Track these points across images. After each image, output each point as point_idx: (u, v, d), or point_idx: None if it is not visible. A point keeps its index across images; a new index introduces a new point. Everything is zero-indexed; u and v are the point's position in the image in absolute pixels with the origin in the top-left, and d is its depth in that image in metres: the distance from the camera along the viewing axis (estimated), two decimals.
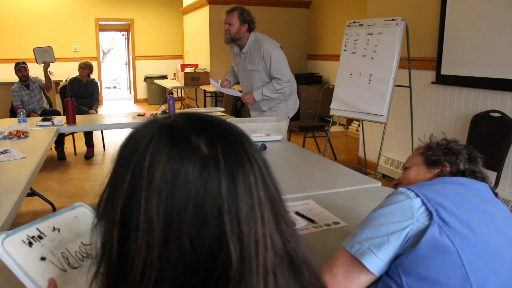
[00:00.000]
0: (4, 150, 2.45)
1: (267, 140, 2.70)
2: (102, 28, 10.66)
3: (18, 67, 5.01)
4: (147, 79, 10.31)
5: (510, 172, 3.17)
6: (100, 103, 9.37)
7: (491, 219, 0.99)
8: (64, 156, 5.19)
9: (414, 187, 1.01)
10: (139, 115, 3.88)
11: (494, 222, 0.99)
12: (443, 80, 3.77)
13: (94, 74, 5.90)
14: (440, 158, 1.14)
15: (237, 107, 6.64)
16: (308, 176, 2.04)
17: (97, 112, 5.39)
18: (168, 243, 0.46)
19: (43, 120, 3.49)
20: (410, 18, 3.85)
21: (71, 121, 3.53)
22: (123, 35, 11.63)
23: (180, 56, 10.58)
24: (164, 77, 10.23)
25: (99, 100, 5.82)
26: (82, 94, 5.32)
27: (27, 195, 1.87)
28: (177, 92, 9.29)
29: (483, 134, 3.21)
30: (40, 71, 5.33)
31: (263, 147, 2.48)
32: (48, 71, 5.09)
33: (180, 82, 8.13)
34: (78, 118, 3.66)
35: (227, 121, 0.54)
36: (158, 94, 10.19)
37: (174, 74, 9.20)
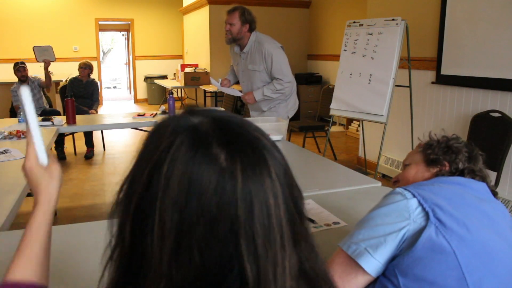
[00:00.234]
0: (4, 150, 2.45)
1: None
2: (102, 28, 10.66)
3: (17, 67, 5.02)
4: (147, 79, 10.31)
5: (510, 172, 3.17)
6: (100, 103, 9.37)
7: (488, 219, 0.98)
8: (64, 156, 5.19)
9: (411, 187, 1.01)
10: (139, 115, 3.87)
11: (492, 222, 0.98)
12: (443, 80, 3.77)
13: (94, 74, 5.90)
14: (439, 157, 1.13)
15: (237, 107, 6.64)
16: (308, 176, 2.04)
17: (97, 112, 5.39)
18: (178, 252, 0.45)
19: (43, 120, 3.49)
20: (410, 18, 3.85)
21: (71, 121, 3.52)
22: (123, 35, 11.63)
23: (180, 56, 10.58)
24: (164, 77, 10.23)
25: (99, 100, 5.82)
26: (82, 94, 5.31)
27: (27, 195, 1.87)
28: (177, 92, 9.28)
29: (483, 134, 3.21)
30: (40, 71, 5.34)
31: None
32: (48, 70, 5.10)
33: (180, 82, 8.13)
34: (78, 118, 3.66)
35: (254, 128, 0.51)
36: (158, 94, 10.19)
37: (174, 74, 9.20)
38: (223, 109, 0.53)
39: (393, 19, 3.66)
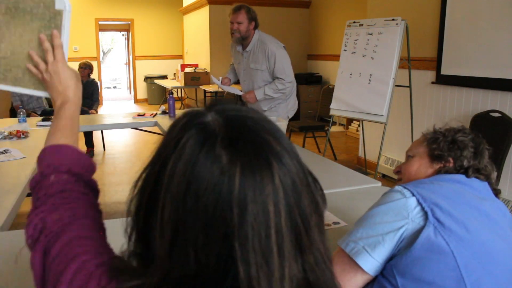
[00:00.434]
0: (4, 150, 2.45)
1: None
2: (102, 28, 10.66)
3: None
4: (147, 79, 10.31)
5: (510, 172, 3.17)
6: (100, 103, 9.37)
7: (488, 218, 0.98)
8: None
9: (411, 185, 1.01)
10: (139, 115, 3.88)
11: (492, 221, 0.98)
12: (443, 80, 3.77)
13: (94, 74, 5.90)
14: (444, 153, 1.10)
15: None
16: None
17: (97, 112, 5.39)
18: (174, 249, 0.45)
19: (43, 120, 3.50)
20: (410, 18, 3.85)
21: None
22: (123, 35, 11.64)
23: (180, 56, 10.58)
24: (164, 77, 10.23)
25: (99, 100, 5.83)
26: (82, 94, 5.29)
27: (27, 195, 1.87)
28: (177, 92, 9.28)
29: (483, 134, 3.18)
30: None
31: None
32: None
33: (180, 82, 8.13)
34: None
35: (268, 131, 0.49)
36: (158, 94, 10.19)
37: (174, 74, 9.20)
38: (252, 108, 0.53)
39: (393, 19, 3.66)
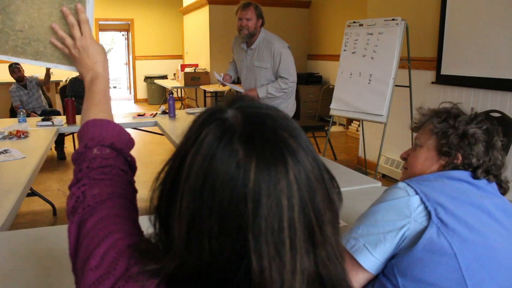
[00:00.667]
0: (4, 150, 2.45)
1: None
2: (102, 28, 10.66)
3: (11, 68, 5.03)
4: (147, 79, 10.31)
5: (510, 172, 3.17)
6: None
7: (492, 218, 0.96)
8: (64, 156, 5.18)
9: (414, 182, 0.99)
10: (139, 115, 3.88)
11: (495, 221, 0.96)
12: (443, 80, 3.77)
13: None
14: (452, 151, 1.04)
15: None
16: None
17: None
18: (190, 239, 0.47)
19: (43, 120, 3.50)
20: (410, 18, 3.85)
21: (71, 121, 3.53)
22: (123, 35, 11.63)
23: (180, 56, 10.58)
24: (164, 77, 10.23)
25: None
26: (82, 94, 5.21)
27: (27, 195, 1.87)
28: (177, 92, 9.28)
29: None
30: (37, 71, 5.33)
31: None
32: (50, 70, 5.12)
33: (180, 82, 8.13)
34: (78, 118, 3.66)
35: (284, 128, 0.50)
36: (158, 94, 10.18)
37: (174, 74, 9.20)
38: (273, 106, 0.54)
39: (393, 19, 3.66)
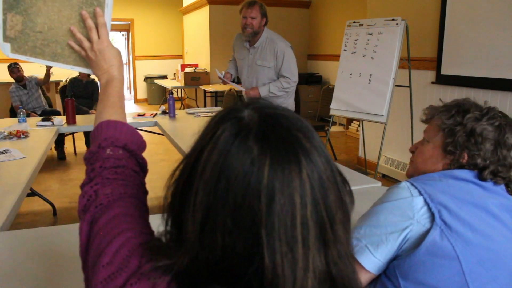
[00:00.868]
0: (4, 150, 2.45)
1: None
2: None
3: (10, 69, 5.03)
4: (147, 79, 10.31)
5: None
6: None
7: (496, 220, 0.94)
8: (64, 156, 5.18)
9: (419, 182, 0.97)
10: (139, 115, 3.88)
11: (500, 223, 0.94)
12: (443, 80, 3.77)
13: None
14: (456, 151, 1.02)
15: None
16: None
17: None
18: (203, 233, 0.48)
19: (43, 120, 3.50)
20: (410, 18, 3.85)
21: (71, 121, 3.53)
22: (123, 35, 11.62)
23: (180, 56, 10.58)
24: (164, 77, 10.23)
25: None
26: (82, 94, 5.31)
27: (27, 195, 1.87)
28: (177, 92, 9.28)
29: None
30: (37, 71, 5.33)
31: None
32: (50, 70, 5.13)
33: (180, 82, 8.13)
34: (78, 118, 3.66)
35: (299, 129, 0.50)
36: (158, 94, 10.18)
37: (174, 74, 9.20)
38: (290, 110, 0.55)
39: (393, 19, 3.66)
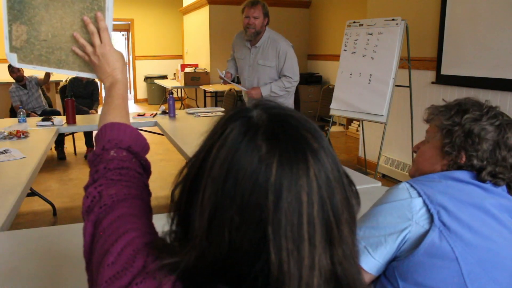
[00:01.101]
0: (4, 150, 2.45)
1: None
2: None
3: (11, 69, 5.03)
4: (147, 79, 10.31)
5: None
6: (100, 103, 9.34)
7: (496, 221, 0.94)
8: (64, 156, 5.19)
9: (418, 183, 0.97)
10: (139, 115, 3.88)
11: (500, 224, 0.94)
12: (443, 80, 3.77)
13: None
14: (453, 152, 1.01)
15: (234, 107, 6.64)
16: None
17: (97, 112, 5.39)
18: (211, 230, 0.48)
19: (43, 120, 3.50)
20: (410, 18, 3.85)
21: (71, 121, 3.53)
22: (123, 35, 11.62)
23: (180, 56, 10.58)
24: (164, 77, 10.23)
25: (99, 100, 5.83)
26: (82, 94, 5.31)
27: (27, 195, 1.87)
28: (177, 92, 9.28)
29: None
30: (36, 71, 5.30)
31: None
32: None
33: (180, 82, 8.13)
34: (78, 118, 3.66)
35: (307, 129, 0.51)
36: (158, 94, 10.18)
37: (174, 74, 9.20)
38: (300, 113, 0.56)
39: (393, 19, 3.66)
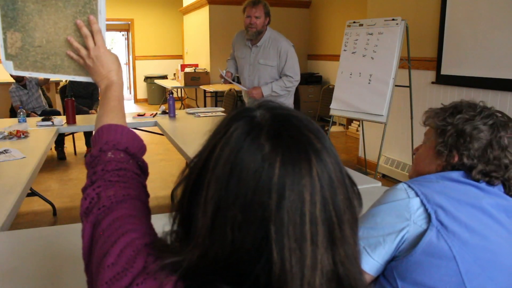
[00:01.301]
0: (4, 150, 2.45)
1: None
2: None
3: None
4: (147, 79, 10.31)
5: None
6: None
7: (494, 220, 0.94)
8: (64, 156, 5.19)
9: (416, 183, 0.98)
10: (139, 115, 3.88)
11: (497, 223, 0.94)
12: (443, 80, 3.77)
13: None
14: (445, 151, 1.02)
15: (236, 107, 6.64)
16: None
17: (97, 112, 5.38)
18: (213, 228, 0.48)
19: (43, 120, 3.50)
20: (410, 18, 3.85)
21: (71, 121, 3.53)
22: (123, 35, 11.62)
23: (180, 56, 10.58)
24: (164, 77, 10.23)
25: (99, 100, 5.82)
26: (82, 94, 5.31)
27: (27, 195, 1.87)
28: (177, 92, 9.28)
29: None
30: None
31: None
32: None
33: (180, 82, 8.13)
34: (78, 118, 3.66)
35: (310, 130, 0.51)
36: (158, 94, 10.19)
37: (174, 74, 9.20)
38: (303, 113, 0.56)
39: (393, 19, 3.66)
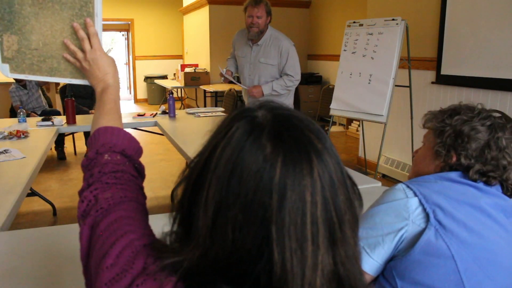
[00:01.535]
0: (4, 150, 2.45)
1: None
2: (102, 28, 10.64)
3: None
4: (147, 79, 10.31)
5: None
6: None
7: (492, 220, 0.95)
8: (64, 156, 5.19)
9: (415, 184, 0.99)
10: (139, 115, 3.88)
11: (495, 222, 0.95)
12: (443, 80, 3.77)
13: None
14: (443, 151, 1.03)
15: (237, 107, 6.64)
16: None
17: None
18: (214, 228, 0.48)
19: (43, 120, 3.50)
20: (410, 18, 3.85)
21: (71, 121, 3.53)
22: (123, 35, 11.62)
23: (180, 56, 10.58)
24: (164, 77, 10.23)
25: None
26: (82, 94, 5.31)
27: (27, 195, 1.87)
28: (177, 92, 9.28)
29: None
30: None
31: None
32: None
33: (180, 82, 8.13)
34: (78, 118, 3.66)
35: (311, 130, 0.51)
36: (158, 94, 10.19)
37: (174, 74, 9.20)
38: (304, 114, 0.57)
39: (393, 19, 3.66)
